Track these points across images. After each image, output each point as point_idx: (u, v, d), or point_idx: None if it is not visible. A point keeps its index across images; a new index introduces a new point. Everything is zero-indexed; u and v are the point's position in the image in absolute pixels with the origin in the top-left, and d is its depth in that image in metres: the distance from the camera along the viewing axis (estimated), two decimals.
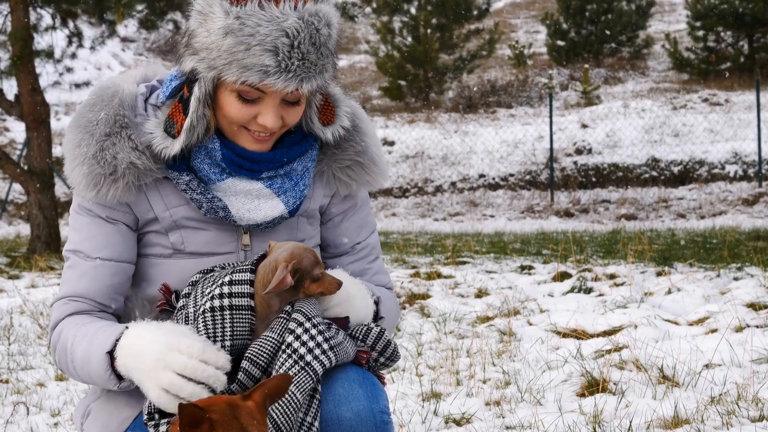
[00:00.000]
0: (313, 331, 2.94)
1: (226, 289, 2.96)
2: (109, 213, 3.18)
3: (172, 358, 2.85)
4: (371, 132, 3.42)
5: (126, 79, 3.30)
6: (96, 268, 3.16)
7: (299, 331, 2.93)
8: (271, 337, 2.96)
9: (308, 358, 2.91)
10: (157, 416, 2.92)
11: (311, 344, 2.92)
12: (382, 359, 3.13)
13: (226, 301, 2.95)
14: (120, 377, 2.98)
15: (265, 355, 2.93)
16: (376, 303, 3.26)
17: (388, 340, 3.14)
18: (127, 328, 2.98)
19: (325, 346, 2.94)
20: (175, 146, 3.09)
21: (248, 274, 3.00)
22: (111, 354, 2.97)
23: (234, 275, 2.99)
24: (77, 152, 3.14)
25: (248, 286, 2.98)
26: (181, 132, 3.08)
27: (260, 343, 2.95)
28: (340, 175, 3.36)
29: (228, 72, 2.95)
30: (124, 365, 2.93)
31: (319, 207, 3.39)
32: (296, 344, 2.92)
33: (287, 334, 2.94)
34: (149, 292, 3.25)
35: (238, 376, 2.92)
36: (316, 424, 2.92)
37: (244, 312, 2.97)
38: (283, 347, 2.93)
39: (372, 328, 3.12)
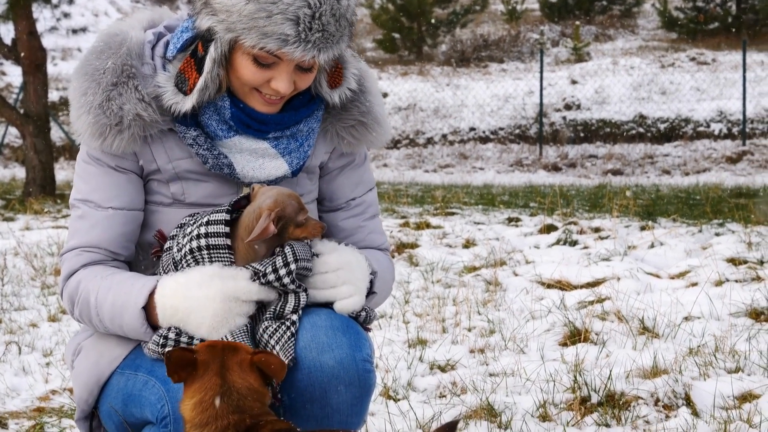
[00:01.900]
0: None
1: (203, 230, 2.98)
2: (119, 162, 3.16)
3: (236, 309, 2.94)
4: (375, 91, 3.40)
5: (133, 25, 3.26)
6: (108, 218, 3.15)
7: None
8: None
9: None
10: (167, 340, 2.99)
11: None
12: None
13: (203, 242, 2.96)
14: (153, 326, 3.02)
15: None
16: (372, 279, 3.22)
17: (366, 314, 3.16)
18: (156, 282, 3.02)
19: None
20: (186, 103, 3.06)
21: (224, 214, 3.00)
22: (145, 309, 3.00)
23: (212, 216, 3.01)
24: (83, 101, 3.10)
25: (223, 226, 2.98)
26: (194, 91, 3.05)
27: None
28: (343, 134, 3.34)
29: (247, 37, 2.92)
30: (173, 323, 2.98)
31: (320, 163, 3.37)
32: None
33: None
34: (145, 237, 3.26)
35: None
36: (295, 317, 2.98)
37: (221, 251, 2.97)
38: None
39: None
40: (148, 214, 3.24)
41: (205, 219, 3.00)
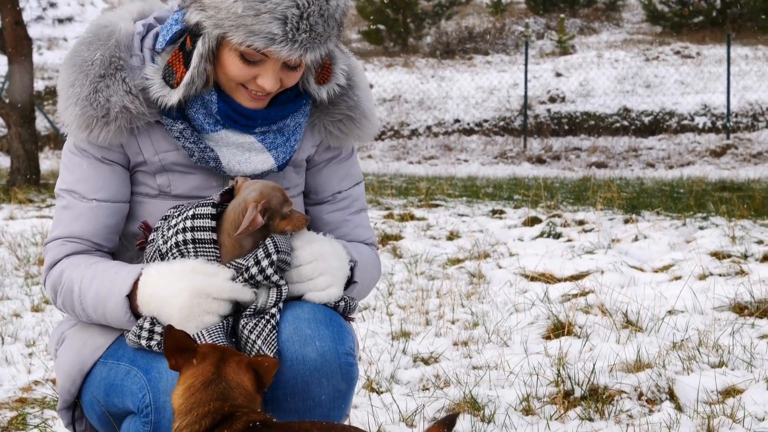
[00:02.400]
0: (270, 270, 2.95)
1: (189, 223, 2.98)
2: (105, 154, 3.17)
3: (205, 305, 2.93)
4: (363, 85, 3.39)
5: (123, 16, 3.26)
6: (92, 210, 3.16)
7: (265, 263, 2.95)
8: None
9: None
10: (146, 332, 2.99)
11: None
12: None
13: (189, 235, 2.97)
14: (136, 314, 3.02)
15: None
16: (352, 267, 3.20)
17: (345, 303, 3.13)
18: (141, 271, 3.02)
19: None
20: (172, 97, 3.07)
21: (210, 208, 3.00)
22: (129, 297, 3.00)
23: (197, 209, 3.00)
24: (71, 92, 3.11)
25: (209, 220, 2.98)
26: (180, 85, 3.05)
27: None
28: (331, 128, 3.33)
29: (234, 34, 2.92)
30: (149, 311, 2.98)
31: (307, 156, 3.37)
32: (259, 277, 2.96)
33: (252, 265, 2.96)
34: (130, 228, 3.26)
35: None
36: (274, 310, 2.97)
37: (207, 246, 2.97)
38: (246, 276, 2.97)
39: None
40: (133, 205, 3.25)
41: (191, 212, 3.00)
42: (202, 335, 2.90)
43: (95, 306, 3.04)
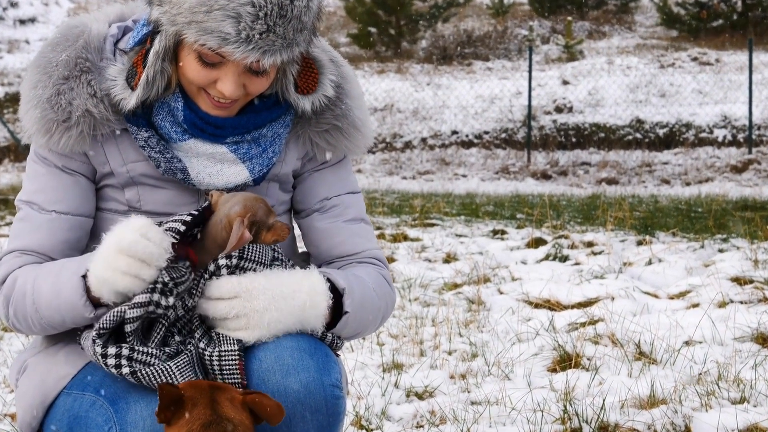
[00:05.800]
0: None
1: None
2: (66, 162, 3.17)
3: (142, 246, 2.86)
4: (355, 94, 3.38)
5: (97, 18, 3.28)
6: (51, 222, 3.15)
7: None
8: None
9: None
10: (103, 340, 2.93)
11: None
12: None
13: None
14: (94, 304, 2.95)
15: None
16: (341, 296, 3.12)
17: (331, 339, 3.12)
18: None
19: None
20: (131, 100, 3.06)
21: (179, 224, 2.99)
22: (84, 279, 2.95)
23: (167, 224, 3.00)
24: (32, 94, 3.12)
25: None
26: (138, 85, 3.05)
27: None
28: (317, 139, 3.32)
29: (188, 31, 2.92)
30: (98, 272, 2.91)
31: (293, 171, 3.35)
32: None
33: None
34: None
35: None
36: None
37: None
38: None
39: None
40: (102, 223, 3.23)
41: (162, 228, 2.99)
42: (173, 371, 2.87)
43: (50, 300, 2.99)
